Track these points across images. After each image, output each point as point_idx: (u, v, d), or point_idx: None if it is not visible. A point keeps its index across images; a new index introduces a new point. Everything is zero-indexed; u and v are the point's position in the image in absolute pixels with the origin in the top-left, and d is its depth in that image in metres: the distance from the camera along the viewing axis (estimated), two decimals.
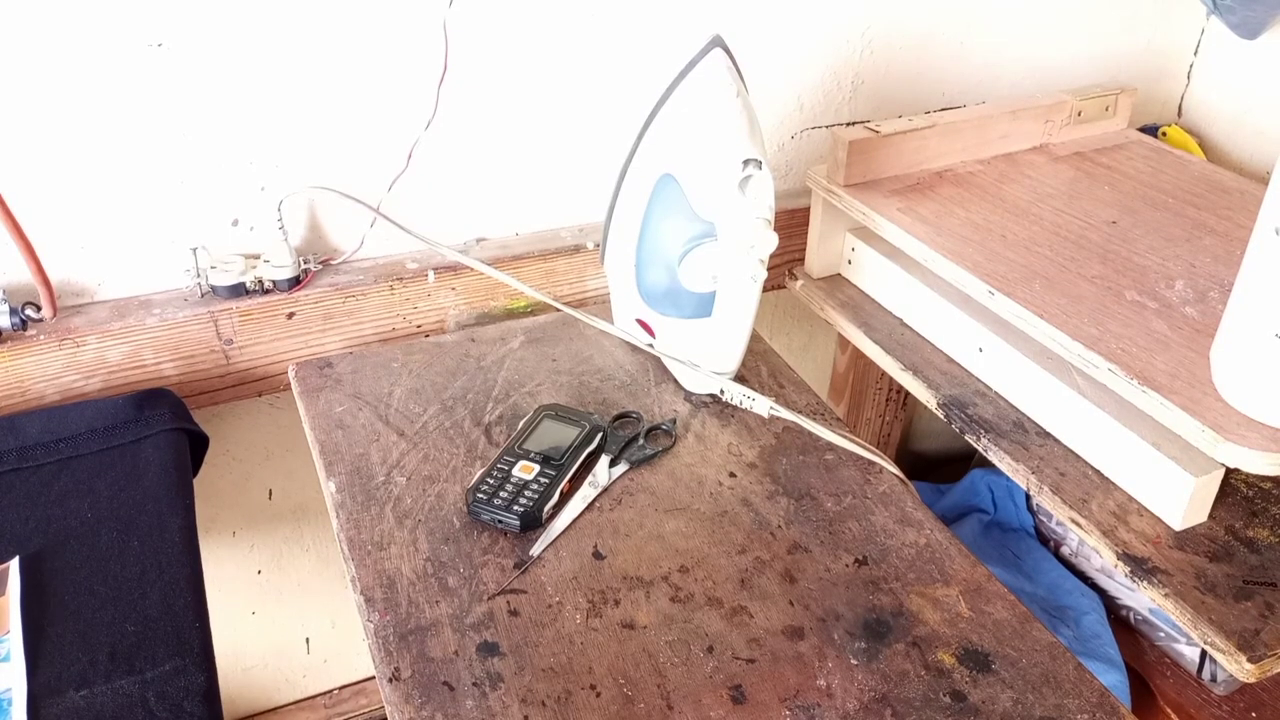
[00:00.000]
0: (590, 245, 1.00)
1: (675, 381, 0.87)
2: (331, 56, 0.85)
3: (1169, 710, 1.07)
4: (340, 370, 0.87)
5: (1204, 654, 1.07)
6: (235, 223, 0.90)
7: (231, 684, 1.19)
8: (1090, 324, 0.78)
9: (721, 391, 0.85)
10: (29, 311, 0.83)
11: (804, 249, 1.03)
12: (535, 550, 0.70)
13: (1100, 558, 0.75)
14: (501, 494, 0.72)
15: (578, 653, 0.64)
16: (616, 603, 0.67)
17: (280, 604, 1.16)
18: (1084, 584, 1.18)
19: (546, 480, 0.73)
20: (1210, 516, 0.74)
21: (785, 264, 1.06)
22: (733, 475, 0.78)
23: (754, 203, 0.76)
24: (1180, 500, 0.72)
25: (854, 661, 0.64)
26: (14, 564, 0.69)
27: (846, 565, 0.71)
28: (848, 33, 1.04)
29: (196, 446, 0.86)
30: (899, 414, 1.33)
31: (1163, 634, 1.11)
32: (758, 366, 0.90)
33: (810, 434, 0.82)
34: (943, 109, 1.13)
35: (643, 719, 0.60)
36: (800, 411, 0.84)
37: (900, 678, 0.63)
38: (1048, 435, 0.82)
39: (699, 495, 0.76)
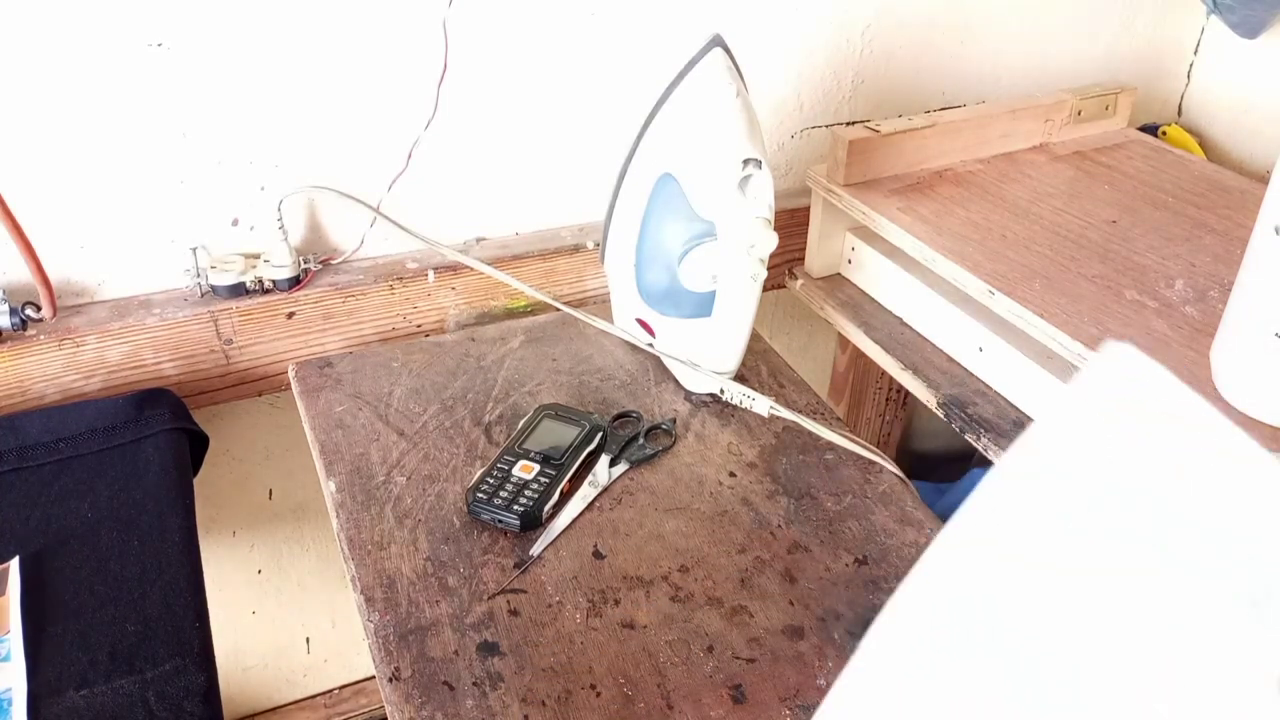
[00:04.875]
0: (590, 245, 1.00)
1: (675, 381, 0.87)
2: (331, 56, 0.85)
3: None
4: (340, 370, 0.87)
5: None
6: (235, 223, 0.90)
7: (231, 684, 1.19)
8: (1090, 323, 0.78)
9: (721, 391, 0.85)
10: (29, 311, 0.83)
11: (804, 248, 1.03)
12: (535, 550, 0.70)
13: None
14: (501, 493, 0.72)
15: (578, 652, 0.64)
16: (616, 602, 0.67)
17: (280, 604, 1.16)
18: None
19: (546, 480, 0.73)
20: None
21: (785, 263, 1.06)
22: (733, 475, 0.78)
23: (754, 202, 0.76)
24: None
25: None
26: (14, 564, 0.69)
27: (847, 565, 0.71)
28: (848, 32, 1.04)
29: (196, 446, 0.86)
30: (899, 414, 1.33)
31: None
32: (758, 366, 0.90)
33: (810, 433, 0.82)
34: (943, 108, 1.13)
35: (643, 719, 0.60)
36: (800, 411, 0.84)
37: None
38: None
39: (699, 495, 0.76)
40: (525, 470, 0.74)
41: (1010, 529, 0.24)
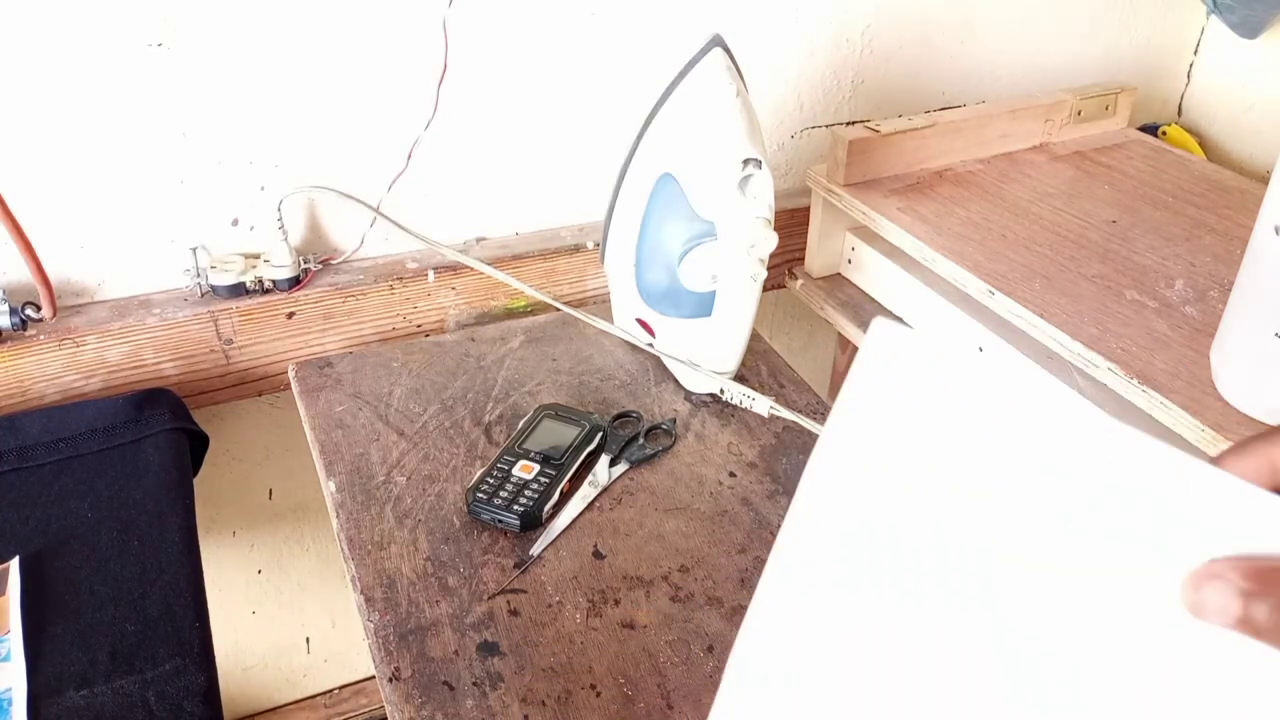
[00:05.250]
0: (590, 245, 1.00)
1: (675, 381, 0.87)
2: (331, 56, 0.85)
3: None
4: (340, 370, 0.87)
5: None
6: (235, 223, 0.90)
7: (231, 684, 1.19)
8: (1090, 323, 0.78)
9: (721, 391, 0.85)
10: (29, 311, 0.83)
11: (804, 248, 1.03)
12: (535, 550, 0.70)
13: None
14: (501, 493, 0.72)
15: (578, 652, 0.64)
16: (616, 602, 0.67)
17: (280, 604, 1.16)
18: None
19: (546, 480, 0.73)
20: None
21: (785, 263, 1.06)
22: (733, 475, 0.78)
23: (754, 202, 0.76)
24: None
25: None
26: (14, 564, 0.69)
27: None
28: (848, 32, 1.04)
29: (196, 446, 0.86)
30: None
31: None
32: (758, 366, 0.90)
33: (810, 433, 0.82)
34: (943, 108, 1.13)
35: (643, 719, 0.60)
36: (800, 411, 0.84)
37: None
38: None
39: (699, 495, 0.76)
40: (525, 470, 0.74)
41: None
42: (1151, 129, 1.21)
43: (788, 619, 0.28)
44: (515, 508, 0.71)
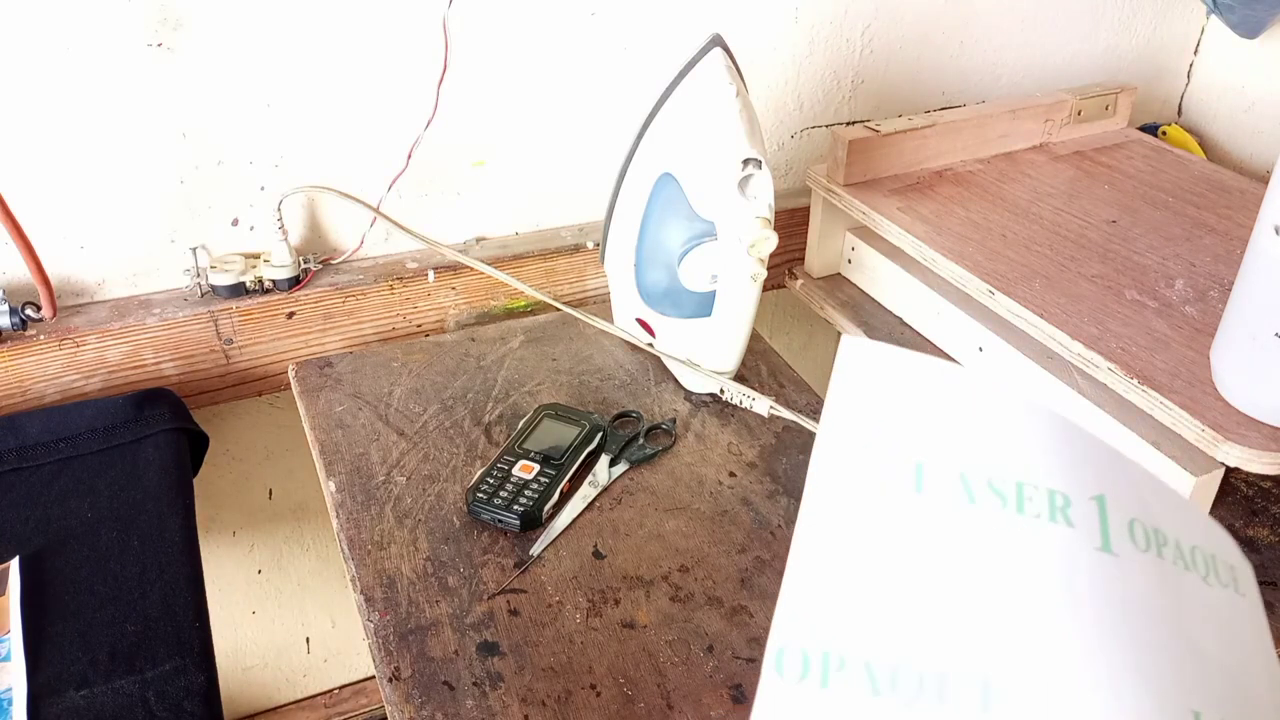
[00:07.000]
0: (590, 245, 1.00)
1: (675, 381, 0.87)
2: (331, 56, 0.85)
3: None
4: (340, 370, 0.87)
5: None
6: (235, 223, 0.90)
7: (231, 684, 1.19)
8: (1090, 323, 0.78)
9: (721, 391, 0.85)
10: (29, 311, 0.83)
11: (804, 248, 1.03)
12: (535, 550, 0.70)
13: None
14: (501, 493, 0.72)
15: (578, 652, 0.64)
16: (616, 602, 0.67)
17: (280, 604, 1.16)
18: None
19: (546, 480, 0.73)
20: (1210, 515, 0.74)
21: (785, 263, 1.06)
22: (733, 474, 0.78)
23: (754, 202, 0.76)
24: None
25: None
26: (14, 564, 0.69)
27: None
28: (848, 32, 1.04)
29: (196, 446, 0.86)
30: None
31: None
32: (758, 366, 0.90)
33: (810, 433, 0.82)
34: (943, 108, 1.13)
35: (643, 719, 0.60)
36: (800, 411, 0.84)
37: None
38: None
39: (699, 494, 0.76)
40: (525, 470, 0.74)
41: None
42: (1151, 129, 1.21)
43: (817, 608, 0.30)
44: (515, 508, 0.71)
